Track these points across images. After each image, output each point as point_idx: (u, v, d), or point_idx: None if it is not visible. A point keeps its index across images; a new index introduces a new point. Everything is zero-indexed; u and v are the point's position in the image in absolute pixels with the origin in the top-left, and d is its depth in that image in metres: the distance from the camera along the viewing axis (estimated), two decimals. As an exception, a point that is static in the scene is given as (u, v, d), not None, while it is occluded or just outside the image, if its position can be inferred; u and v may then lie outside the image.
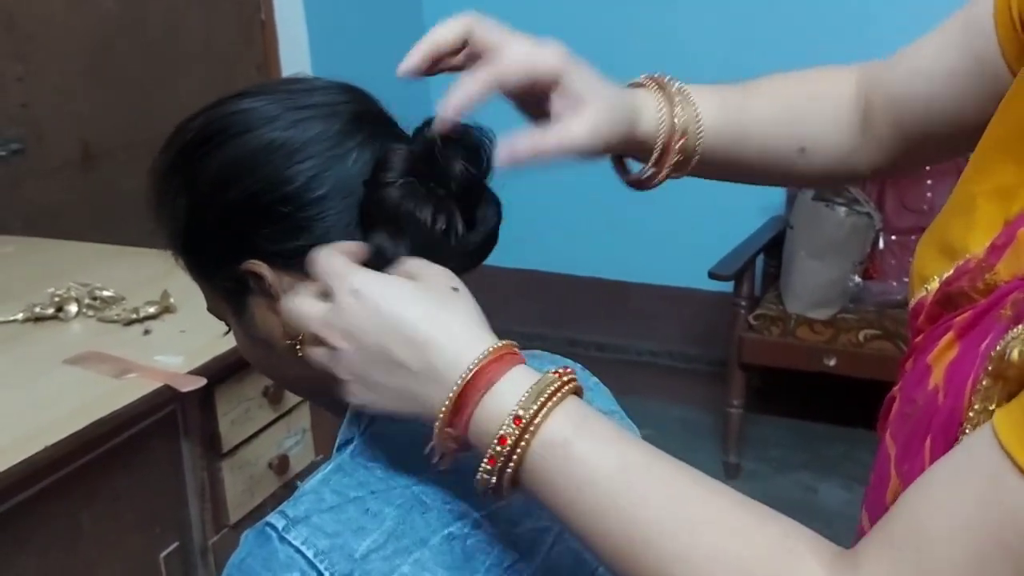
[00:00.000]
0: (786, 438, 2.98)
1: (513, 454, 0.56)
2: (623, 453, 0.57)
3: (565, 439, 0.56)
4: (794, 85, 0.84)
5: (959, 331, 0.57)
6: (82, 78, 2.33)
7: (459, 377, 0.57)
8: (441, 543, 0.63)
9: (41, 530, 1.25)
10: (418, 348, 0.58)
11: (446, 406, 0.57)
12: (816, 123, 0.81)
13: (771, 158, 0.81)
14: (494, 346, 0.58)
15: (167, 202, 0.71)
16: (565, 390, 0.57)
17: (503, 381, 0.57)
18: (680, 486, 0.56)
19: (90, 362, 1.40)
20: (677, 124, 0.76)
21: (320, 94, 0.69)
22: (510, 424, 0.56)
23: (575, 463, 0.56)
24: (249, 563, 0.61)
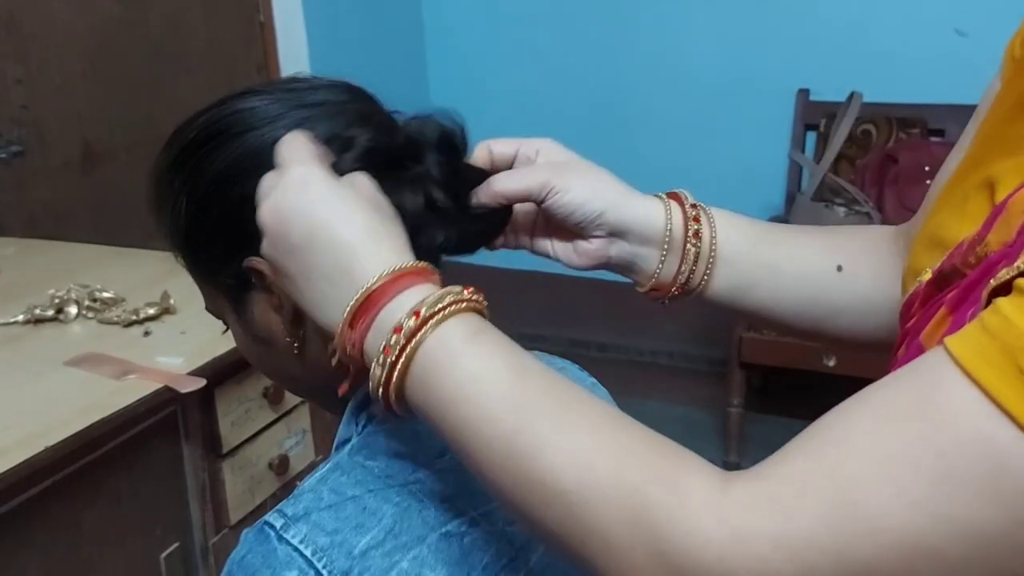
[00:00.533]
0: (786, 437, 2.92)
1: (406, 346, 0.55)
2: (514, 361, 0.55)
3: (460, 340, 0.55)
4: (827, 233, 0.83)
5: (951, 305, 0.56)
6: (83, 79, 2.33)
7: (367, 284, 0.57)
8: (439, 540, 0.63)
9: (42, 531, 1.25)
10: (343, 249, 0.58)
11: (351, 305, 0.57)
12: (855, 248, 0.79)
13: (807, 281, 0.77)
14: (410, 262, 0.58)
15: (169, 200, 0.71)
16: (461, 304, 0.56)
17: (406, 294, 0.57)
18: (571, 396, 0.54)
19: (90, 363, 1.40)
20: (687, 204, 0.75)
21: (323, 93, 0.70)
22: (392, 334, 0.55)
23: (469, 362, 0.55)
24: (249, 560, 0.61)
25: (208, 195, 0.68)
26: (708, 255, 0.75)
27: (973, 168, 0.63)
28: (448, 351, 0.55)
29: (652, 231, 0.75)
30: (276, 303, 0.69)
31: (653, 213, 0.74)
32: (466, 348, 0.55)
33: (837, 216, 2.65)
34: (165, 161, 0.71)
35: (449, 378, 0.55)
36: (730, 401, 2.80)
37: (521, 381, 0.54)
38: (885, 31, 2.91)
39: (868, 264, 0.78)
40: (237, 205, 0.67)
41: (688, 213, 0.75)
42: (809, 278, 0.77)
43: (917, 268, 0.64)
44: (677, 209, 0.75)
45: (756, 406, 3.00)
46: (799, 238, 0.79)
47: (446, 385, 0.55)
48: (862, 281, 0.78)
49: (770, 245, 0.78)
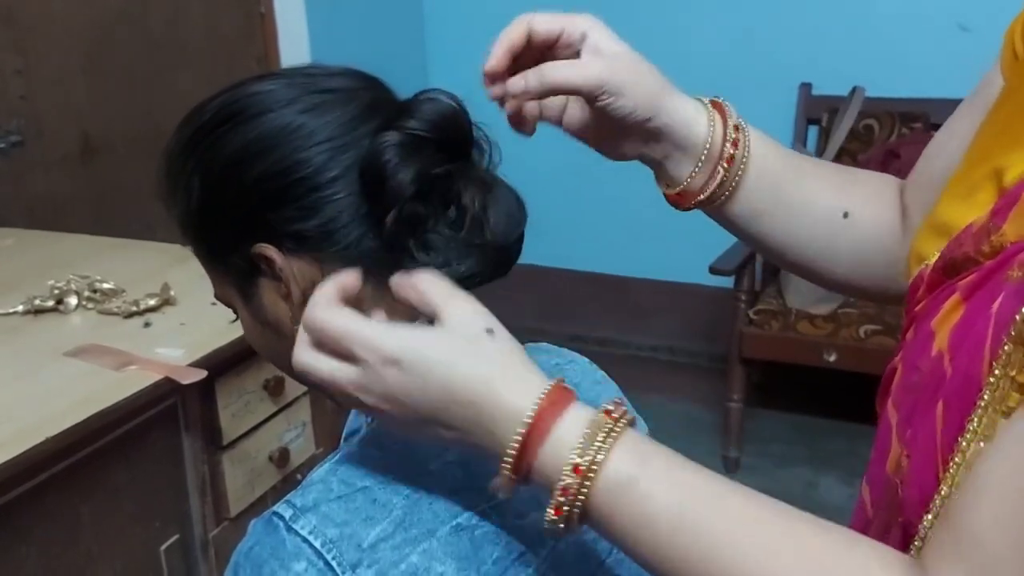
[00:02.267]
0: (786, 433, 2.98)
1: (576, 502, 0.56)
2: (683, 487, 0.57)
3: (628, 478, 0.56)
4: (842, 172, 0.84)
5: (964, 293, 0.56)
6: (82, 71, 2.33)
7: (516, 433, 0.56)
8: (449, 533, 0.63)
9: (41, 522, 1.24)
10: (471, 408, 0.57)
11: (509, 462, 0.57)
12: (862, 193, 0.80)
13: (815, 212, 0.78)
14: (544, 391, 0.57)
15: (181, 181, 0.71)
16: (619, 427, 0.57)
17: (559, 426, 0.57)
18: (752, 513, 0.56)
19: (90, 354, 1.40)
20: (729, 123, 0.75)
21: (338, 79, 0.70)
22: (570, 474, 0.56)
23: (639, 502, 0.56)
24: (257, 551, 0.61)
25: (221, 176, 0.68)
26: (734, 179, 0.76)
27: (980, 161, 0.63)
28: (616, 498, 0.56)
29: (692, 142, 0.75)
30: (284, 291, 0.69)
31: (697, 125, 0.74)
32: (634, 491, 0.56)
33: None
34: (178, 142, 0.71)
35: (626, 525, 0.56)
36: (730, 396, 2.80)
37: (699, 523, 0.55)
38: (888, 26, 2.91)
39: (873, 213, 0.79)
40: (250, 187, 0.67)
41: (728, 134, 0.75)
42: (818, 219, 0.79)
43: (922, 253, 0.64)
44: (719, 124, 0.75)
45: (756, 401, 3.00)
46: (816, 178, 0.80)
47: (625, 530, 0.57)
48: (864, 229, 0.79)
49: (790, 181, 0.78)
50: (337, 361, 0.59)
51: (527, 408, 0.57)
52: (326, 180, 0.66)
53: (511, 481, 0.58)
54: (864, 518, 0.66)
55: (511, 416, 0.57)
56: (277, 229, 0.67)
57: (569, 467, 0.55)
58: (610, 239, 3.47)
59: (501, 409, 0.57)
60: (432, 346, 0.58)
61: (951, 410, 0.54)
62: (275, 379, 1.56)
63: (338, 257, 0.67)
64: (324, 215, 0.66)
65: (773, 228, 0.80)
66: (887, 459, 0.61)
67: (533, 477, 0.57)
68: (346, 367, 0.59)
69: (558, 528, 0.57)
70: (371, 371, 0.58)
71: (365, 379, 0.58)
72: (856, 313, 2.69)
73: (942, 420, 0.54)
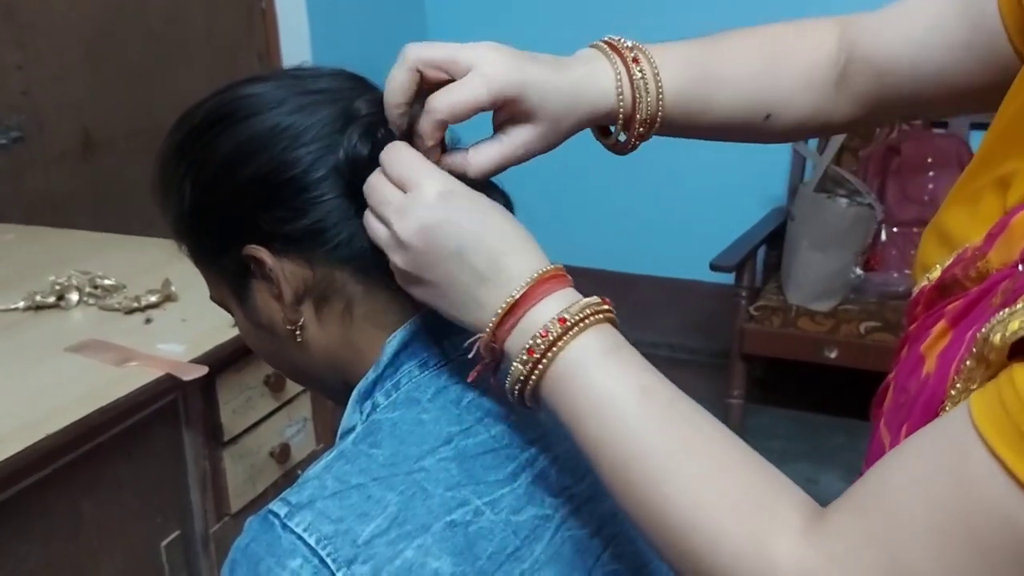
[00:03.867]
0: (787, 429, 2.98)
1: (549, 350, 0.59)
2: (644, 382, 0.60)
3: (589, 362, 0.59)
4: (766, 44, 0.81)
5: (951, 319, 0.57)
6: (82, 66, 2.33)
7: (518, 286, 0.61)
8: (444, 529, 0.63)
9: (42, 518, 1.25)
10: (493, 256, 0.61)
11: (502, 308, 0.61)
12: (785, 89, 0.79)
13: (737, 123, 0.79)
14: (551, 266, 0.62)
15: (173, 185, 0.71)
16: (599, 315, 0.60)
17: (551, 298, 0.61)
18: (692, 425, 0.58)
19: (91, 350, 1.40)
20: (638, 89, 0.72)
21: (325, 80, 0.71)
22: (555, 323, 0.59)
23: (594, 386, 0.59)
24: (253, 548, 0.61)
25: (213, 179, 0.69)
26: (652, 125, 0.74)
27: (987, 163, 0.63)
28: (586, 361, 0.60)
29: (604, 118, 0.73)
30: (276, 292, 0.69)
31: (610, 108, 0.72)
32: (602, 361, 0.60)
33: (839, 207, 2.65)
34: (170, 146, 0.72)
35: (582, 391, 0.60)
36: (731, 393, 2.80)
37: (647, 408, 0.59)
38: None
39: (804, 100, 0.79)
40: (241, 189, 0.67)
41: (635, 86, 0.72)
42: (742, 125, 0.80)
43: (926, 262, 0.64)
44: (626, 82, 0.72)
45: (757, 397, 3.00)
46: (735, 84, 0.78)
47: (579, 397, 0.60)
48: (793, 118, 0.80)
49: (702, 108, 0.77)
50: (394, 187, 0.64)
51: (535, 271, 0.61)
52: (314, 180, 0.67)
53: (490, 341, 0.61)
54: None
55: (521, 274, 0.61)
56: (267, 230, 0.68)
57: (556, 318, 0.59)
58: (611, 236, 3.47)
59: (516, 268, 0.61)
60: (476, 195, 0.64)
61: (915, 422, 0.55)
62: (276, 375, 1.56)
63: (328, 257, 0.68)
64: (313, 215, 0.67)
65: (704, 134, 0.81)
66: None
67: (511, 339, 0.61)
68: (398, 193, 0.63)
69: (512, 392, 0.61)
70: (420, 198, 0.62)
71: (409, 203, 0.62)
72: (857, 310, 2.70)
73: (906, 432, 0.56)
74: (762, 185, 3.13)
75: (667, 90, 0.74)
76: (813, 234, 2.67)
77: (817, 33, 0.81)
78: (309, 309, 0.70)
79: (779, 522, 0.53)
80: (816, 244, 2.67)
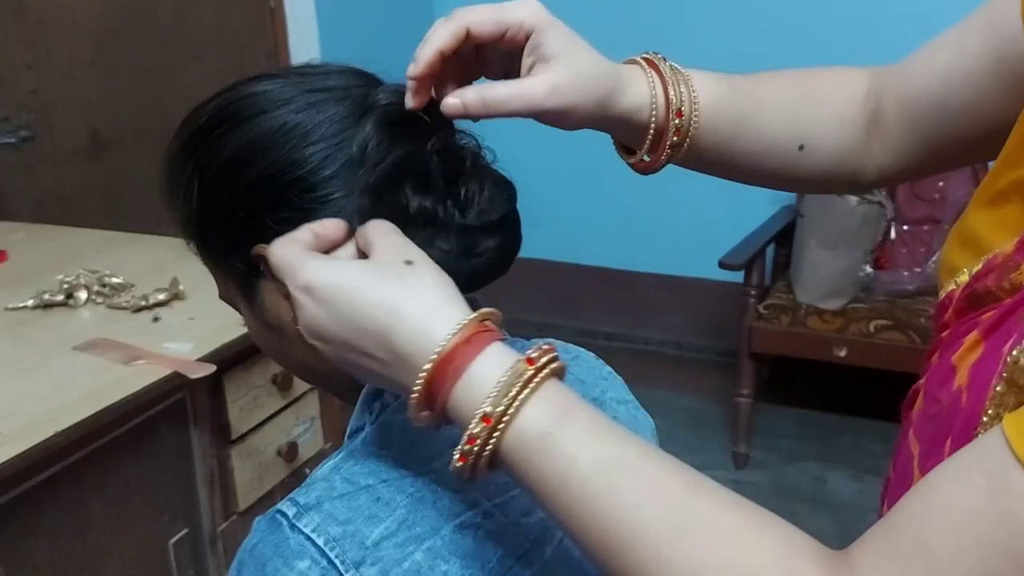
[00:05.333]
0: (795, 428, 2.98)
1: (483, 452, 0.54)
2: (604, 450, 0.53)
3: (540, 434, 0.53)
4: (800, 81, 0.81)
5: (984, 331, 0.56)
6: (92, 65, 2.33)
7: (424, 365, 0.54)
8: (453, 532, 0.62)
9: (50, 516, 1.25)
10: (380, 338, 0.56)
11: (415, 395, 0.55)
12: (819, 121, 0.79)
13: (769, 152, 0.78)
14: (460, 323, 0.55)
15: (180, 185, 0.71)
16: (539, 377, 0.54)
17: (473, 367, 0.54)
18: (668, 488, 0.52)
19: (99, 349, 1.40)
20: (672, 100, 0.72)
21: (334, 78, 0.70)
22: (479, 423, 0.53)
23: (550, 461, 0.53)
24: (261, 549, 0.61)
25: (220, 178, 0.68)
26: (682, 144, 0.74)
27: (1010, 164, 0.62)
28: (527, 451, 0.53)
29: (638, 125, 0.73)
30: (285, 291, 0.69)
31: (640, 112, 0.72)
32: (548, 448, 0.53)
33: (849, 205, 2.64)
34: (177, 146, 0.71)
35: (535, 479, 0.54)
36: (739, 391, 2.79)
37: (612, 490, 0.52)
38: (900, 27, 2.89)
39: (831, 138, 0.78)
40: (248, 188, 0.67)
41: (671, 106, 0.72)
42: (773, 155, 0.78)
43: (952, 265, 0.63)
44: (662, 100, 0.72)
45: (765, 396, 2.99)
46: (771, 112, 0.78)
47: (534, 484, 0.54)
48: (822, 156, 0.78)
49: (745, 124, 0.77)
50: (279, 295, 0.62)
51: (437, 342, 0.54)
52: (322, 180, 0.66)
53: (425, 420, 0.56)
54: None
55: (423, 349, 0.54)
56: (276, 230, 0.66)
57: (479, 416, 0.53)
58: (618, 234, 3.47)
59: (412, 340, 0.55)
60: (341, 273, 0.58)
61: (956, 447, 0.53)
62: (283, 374, 1.56)
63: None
64: (321, 215, 0.66)
65: (732, 170, 0.79)
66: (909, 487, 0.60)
67: (450, 415, 0.55)
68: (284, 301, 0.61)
69: (463, 473, 0.55)
70: (294, 300, 0.59)
71: (295, 309, 0.59)
72: (866, 308, 2.69)
73: (948, 454, 0.54)
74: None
75: (702, 106, 0.73)
76: (822, 232, 2.66)
77: (850, 75, 0.81)
78: None
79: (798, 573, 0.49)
80: (825, 242, 2.66)
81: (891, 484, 0.65)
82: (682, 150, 0.74)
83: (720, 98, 0.76)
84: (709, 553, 0.50)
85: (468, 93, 0.66)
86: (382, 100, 0.67)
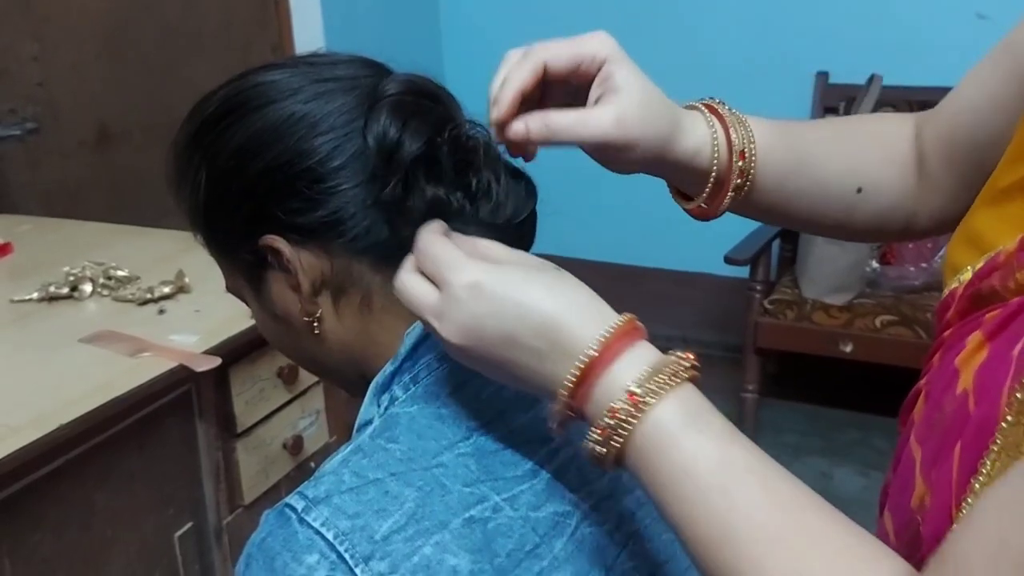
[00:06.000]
0: (801, 424, 2.97)
1: (621, 428, 0.55)
2: (728, 451, 0.56)
3: (675, 425, 0.55)
4: (848, 124, 0.82)
5: (988, 332, 0.56)
6: (98, 58, 2.33)
7: (585, 352, 0.57)
8: (462, 526, 0.62)
9: (55, 509, 1.25)
10: (546, 331, 0.58)
11: (573, 378, 0.57)
12: (875, 160, 0.78)
13: (828, 195, 0.77)
14: (619, 321, 0.58)
15: (188, 176, 0.71)
16: (682, 374, 0.57)
17: (626, 356, 0.57)
18: (777, 495, 0.54)
19: (105, 341, 1.40)
20: (735, 142, 0.72)
21: (342, 67, 0.69)
22: (624, 399, 0.55)
23: (679, 452, 0.55)
24: (269, 543, 0.60)
25: (227, 169, 0.68)
26: (743, 188, 0.74)
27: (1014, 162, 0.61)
28: (661, 438, 0.55)
29: (698, 171, 0.73)
30: (293, 282, 0.68)
31: (701, 156, 0.72)
32: (680, 434, 0.55)
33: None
34: (184, 136, 0.71)
35: (662, 468, 0.55)
36: (744, 387, 2.79)
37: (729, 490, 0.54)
38: (906, 13, 2.88)
39: (886, 181, 0.78)
40: (257, 178, 0.66)
41: (734, 151, 0.72)
42: (831, 200, 0.78)
43: (955, 264, 0.63)
44: (724, 145, 0.72)
45: (771, 392, 2.99)
46: (827, 158, 0.78)
47: (659, 474, 0.55)
48: (879, 199, 0.78)
49: (800, 171, 0.77)
50: (428, 285, 0.60)
51: (597, 336, 0.57)
52: (331, 170, 0.66)
53: (565, 408, 0.58)
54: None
55: (585, 339, 0.57)
56: (284, 221, 0.67)
57: (625, 392, 0.55)
58: (624, 229, 3.46)
59: (577, 334, 0.57)
60: (508, 271, 0.59)
61: (967, 452, 0.53)
62: (289, 367, 1.56)
63: (346, 248, 0.67)
64: (330, 206, 0.66)
65: (789, 215, 0.79)
66: (911, 494, 0.59)
67: (589, 403, 0.57)
68: (431, 292, 0.60)
69: (597, 453, 0.57)
70: (452, 296, 0.59)
71: (444, 305, 0.59)
72: (872, 304, 2.68)
73: (958, 461, 0.54)
74: (777, 178, 3.11)
75: (759, 148, 0.73)
76: (828, 228, 2.66)
77: (895, 118, 0.82)
78: (326, 300, 0.70)
79: None
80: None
81: (892, 490, 0.64)
82: (742, 193, 0.74)
83: (774, 140, 0.75)
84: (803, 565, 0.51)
85: (533, 118, 0.66)
86: (391, 91, 0.67)
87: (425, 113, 0.67)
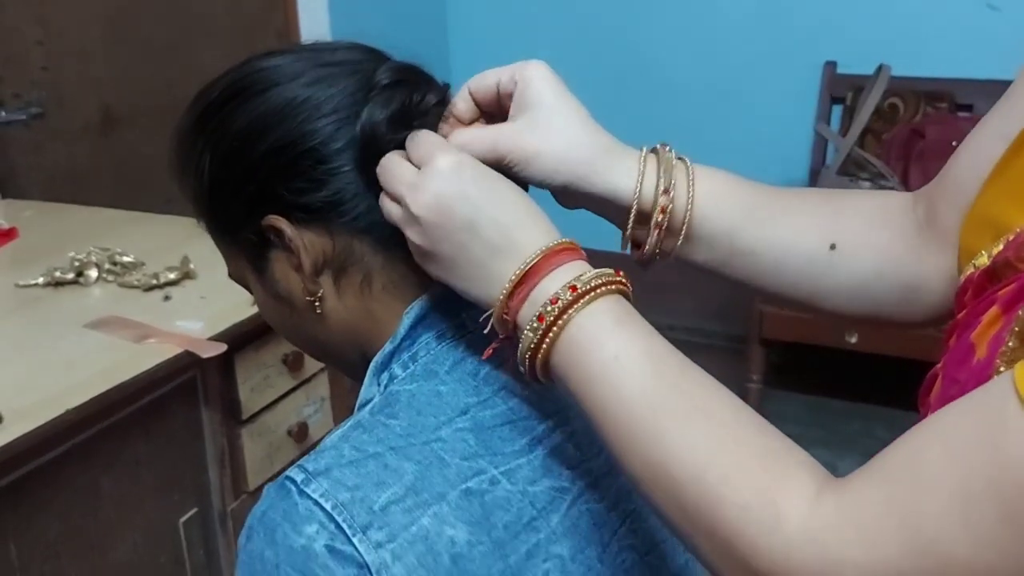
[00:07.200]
0: (805, 414, 2.97)
1: (547, 334, 0.59)
2: (656, 348, 0.59)
3: (600, 329, 0.59)
4: (842, 191, 0.77)
5: (1004, 305, 0.55)
6: (102, 42, 2.32)
7: (530, 257, 0.61)
8: (460, 498, 0.63)
9: (61, 494, 1.25)
10: (505, 226, 0.62)
11: (513, 277, 0.61)
12: (852, 221, 0.73)
13: (796, 251, 0.72)
14: (563, 240, 0.62)
15: (192, 160, 0.72)
16: (612, 285, 0.60)
17: (563, 268, 0.60)
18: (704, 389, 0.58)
19: (110, 327, 1.40)
20: (661, 178, 0.69)
21: (342, 53, 0.71)
22: (548, 304, 0.59)
23: (605, 350, 0.58)
24: (270, 515, 0.61)
25: (231, 151, 0.69)
26: (679, 230, 0.71)
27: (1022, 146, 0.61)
28: (597, 328, 0.59)
29: (617, 207, 0.70)
30: (295, 262, 0.70)
31: (621, 186, 0.69)
32: (614, 329, 0.59)
33: (861, 189, 2.62)
34: (188, 121, 0.72)
35: (594, 356, 0.59)
36: (749, 377, 2.79)
37: (658, 372, 0.58)
38: (914, 3, 2.87)
39: (866, 242, 0.73)
40: (261, 159, 0.68)
41: (659, 186, 0.69)
42: (801, 256, 0.73)
43: (971, 250, 0.62)
44: (651, 177, 0.69)
45: (774, 382, 2.99)
46: (798, 213, 0.74)
47: (590, 362, 0.59)
48: (856, 260, 0.73)
49: (754, 226, 0.72)
50: (411, 165, 0.65)
51: (548, 243, 0.61)
52: (333, 152, 0.67)
53: (502, 312, 0.61)
54: None
55: (534, 244, 0.61)
56: (287, 201, 0.68)
57: (567, 285, 0.59)
58: (629, 217, 3.45)
59: (530, 238, 0.62)
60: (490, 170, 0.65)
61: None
62: (294, 354, 1.56)
63: (347, 228, 0.69)
64: (332, 187, 0.68)
65: (746, 277, 0.75)
66: None
67: (523, 310, 0.61)
68: (413, 169, 0.64)
69: (530, 351, 0.60)
70: (433, 170, 0.63)
71: (422, 177, 0.63)
72: (877, 294, 2.67)
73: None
74: (783, 168, 3.10)
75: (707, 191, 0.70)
76: (834, 218, 2.65)
77: (883, 192, 0.78)
78: (328, 280, 0.71)
79: (792, 482, 0.52)
80: (837, 228, 2.65)
81: None
82: (676, 235, 0.71)
83: (732, 188, 0.72)
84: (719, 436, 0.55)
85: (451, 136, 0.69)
86: (383, 80, 0.68)
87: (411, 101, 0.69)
